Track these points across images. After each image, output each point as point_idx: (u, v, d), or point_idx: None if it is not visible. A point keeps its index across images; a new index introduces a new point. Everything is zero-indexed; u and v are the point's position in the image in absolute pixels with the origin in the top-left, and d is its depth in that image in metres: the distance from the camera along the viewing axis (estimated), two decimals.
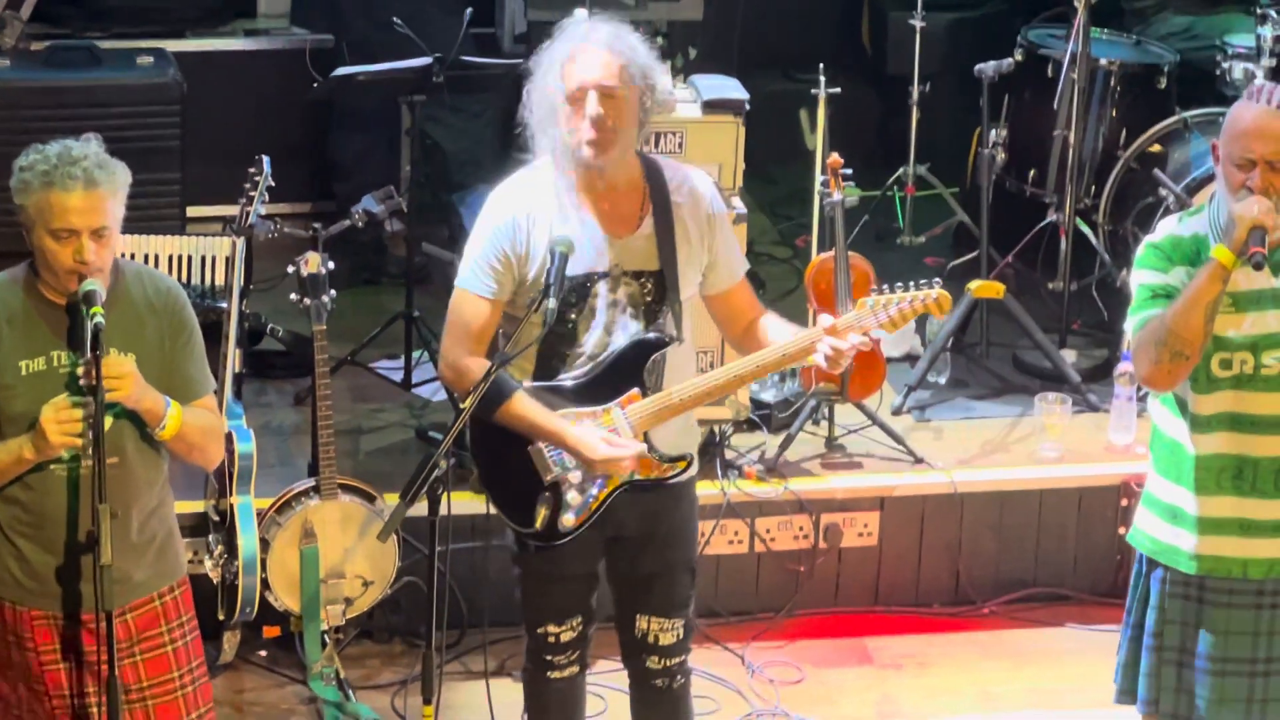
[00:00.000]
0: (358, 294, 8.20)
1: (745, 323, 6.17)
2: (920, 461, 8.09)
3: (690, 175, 6.13)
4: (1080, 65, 8.66)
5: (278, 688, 7.47)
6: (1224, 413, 5.96)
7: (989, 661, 7.82)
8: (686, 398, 6.03)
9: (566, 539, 6.10)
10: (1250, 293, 5.92)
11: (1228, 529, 6.01)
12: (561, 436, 5.96)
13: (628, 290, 6.03)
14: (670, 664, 6.32)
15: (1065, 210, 8.77)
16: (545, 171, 6.04)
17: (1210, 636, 6.10)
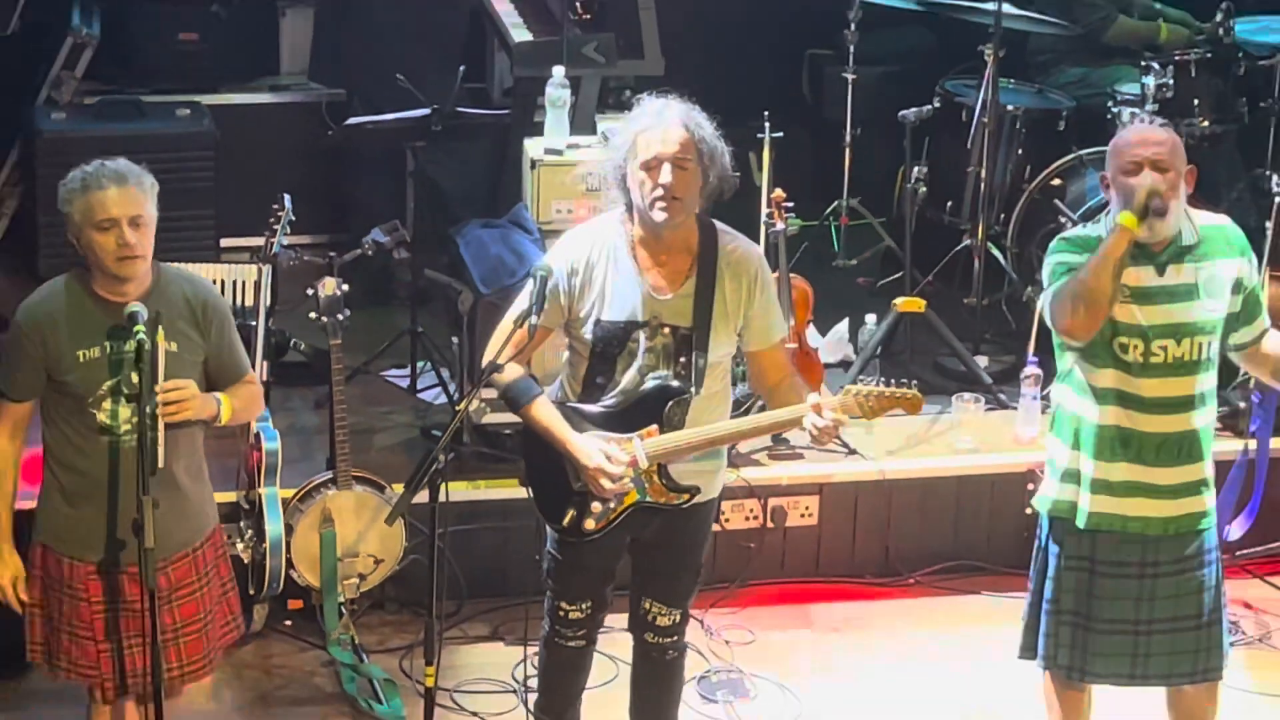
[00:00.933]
0: (369, 313, 8.20)
1: (773, 381, 6.18)
2: (854, 453, 8.11)
3: (741, 244, 6.13)
4: (990, 111, 8.70)
5: (301, 653, 7.48)
6: (1114, 389, 6.02)
7: (914, 624, 7.85)
8: (695, 441, 6.07)
9: (587, 539, 6.17)
10: (1142, 288, 5.99)
11: (1116, 490, 6.07)
12: (564, 442, 6.02)
13: (663, 340, 6.04)
14: (665, 641, 6.39)
15: (978, 236, 8.80)
16: (611, 223, 6.08)
17: (1100, 602, 6.15)
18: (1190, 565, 6.16)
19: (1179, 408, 6.05)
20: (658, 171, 5.86)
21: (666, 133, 5.90)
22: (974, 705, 7.33)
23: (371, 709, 7.15)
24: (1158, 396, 6.04)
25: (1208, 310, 6.03)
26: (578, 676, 6.52)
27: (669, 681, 6.52)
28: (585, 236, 6.10)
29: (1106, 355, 6.02)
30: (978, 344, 8.78)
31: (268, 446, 7.24)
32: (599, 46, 8.42)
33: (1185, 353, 6.02)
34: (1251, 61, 9.16)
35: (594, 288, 6.02)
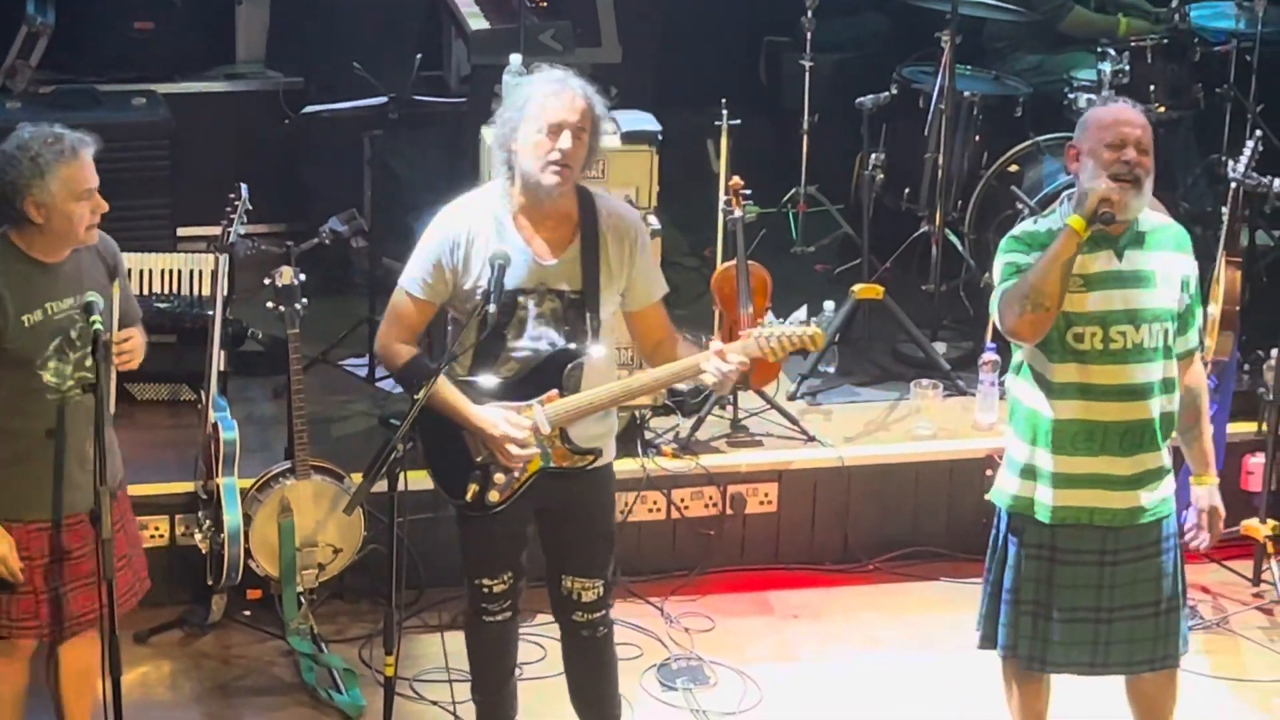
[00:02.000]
0: (326, 302, 8.18)
1: (656, 340, 6.24)
2: (813, 439, 8.12)
3: (619, 208, 6.20)
4: (947, 97, 8.72)
5: (260, 643, 7.45)
6: (1074, 382, 6.02)
7: (873, 611, 7.85)
8: (597, 401, 6.10)
9: (495, 510, 6.17)
10: (1097, 274, 5.99)
11: (1079, 483, 6.07)
12: (467, 415, 6.04)
13: (551, 306, 6.08)
14: (593, 618, 6.37)
15: (935, 222, 8.82)
16: (491, 195, 6.10)
17: (1060, 590, 6.16)
18: (1150, 552, 6.18)
19: (1139, 395, 6.05)
20: (557, 136, 5.91)
21: (572, 100, 5.95)
22: (933, 692, 7.34)
23: (331, 699, 7.13)
24: (1118, 384, 6.04)
25: (1165, 298, 6.04)
26: (507, 651, 6.54)
27: (604, 660, 6.52)
28: (464, 210, 6.13)
29: (1063, 349, 6.02)
30: (936, 330, 8.81)
31: (225, 436, 7.24)
32: (556, 34, 8.43)
33: (1144, 339, 6.02)
34: (1207, 47, 9.20)
35: (478, 259, 6.04)
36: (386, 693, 5.88)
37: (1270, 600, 7.86)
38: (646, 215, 7.80)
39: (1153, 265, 6.04)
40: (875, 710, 7.27)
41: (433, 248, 6.08)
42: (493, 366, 6.11)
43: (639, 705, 7.14)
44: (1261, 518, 7.91)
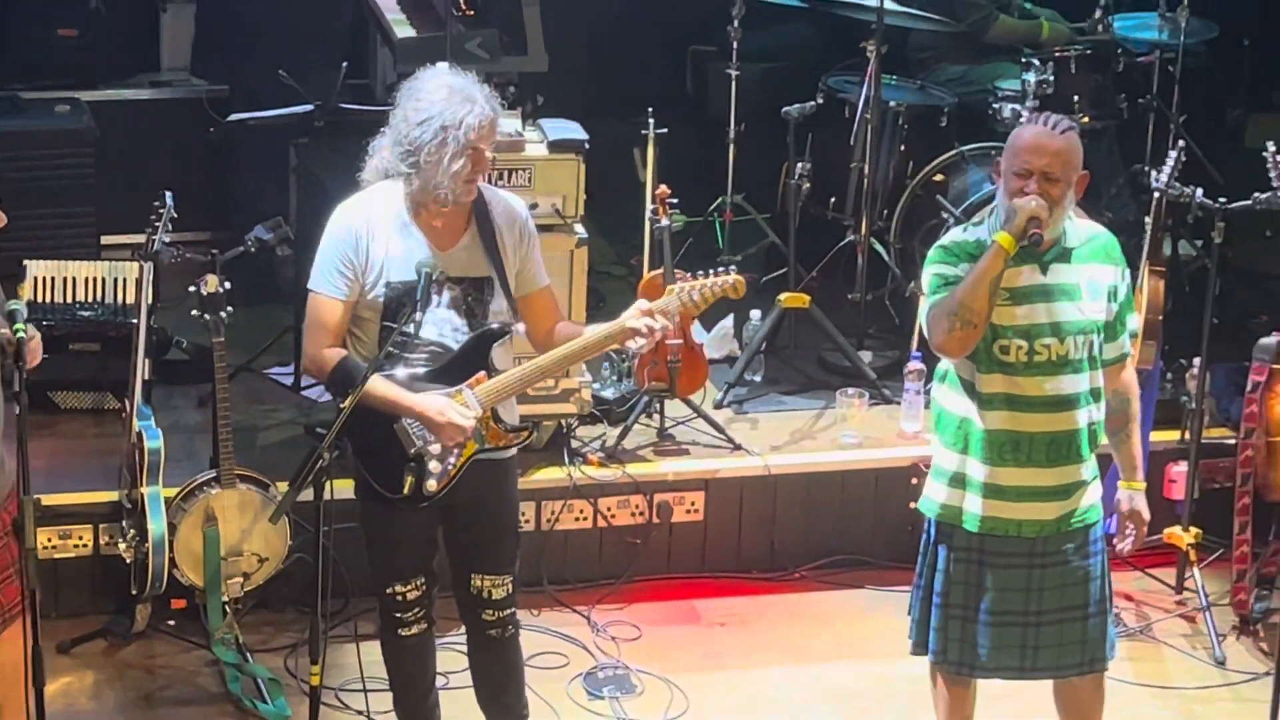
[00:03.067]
0: (251, 310, 8.14)
1: (548, 325, 6.30)
2: (739, 448, 8.13)
3: (506, 198, 6.33)
4: (873, 107, 8.74)
5: (185, 652, 7.42)
6: (1002, 393, 6.07)
7: (800, 619, 7.86)
8: (527, 376, 6.18)
9: (430, 500, 6.18)
10: (1022, 288, 6.04)
11: (1008, 494, 6.11)
12: (410, 405, 6.07)
13: (451, 294, 6.16)
14: (502, 615, 6.39)
15: (861, 231, 8.84)
16: (384, 192, 6.20)
17: (989, 594, 6.20)
18: (1077, 556, 6.23)
19: (1065, 406, 6.10)
20: (480, 157, 6.03)
21: (495, 125, 6.08)
22: (860, 699, 7.36)
23: (256, 709, 7.11)
24: (1044, 395, 6.09)
25: (1089, 310, 6.09)
26: (425, 665, 6.55)
27: (512, 660, 6.54)
28: (359, 208, 6.21)
29: (989, 361, 6.07)
30: (861, 339, 8.83)
31: (150, 445, 7.21)
32: (483, 43, 8.41)
33: (1069, 350, 6.07)
34: (1130, 58, 9.27)
35: (377, 252, 6.12)
36: (312, 702, 5.86)
37: (1193, 608, 7.90)
38: (573, 223, 7.82)
39: (1078, 278, 6.08)
40: (801, 713, 7.29)
41: (337, 245, 6.16)
42: (402, 358, 6.15)
43: (565, 714, 7.14)
44: (1184, 526, 7.95)
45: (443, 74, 6.16)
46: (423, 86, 6.12)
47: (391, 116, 6.18)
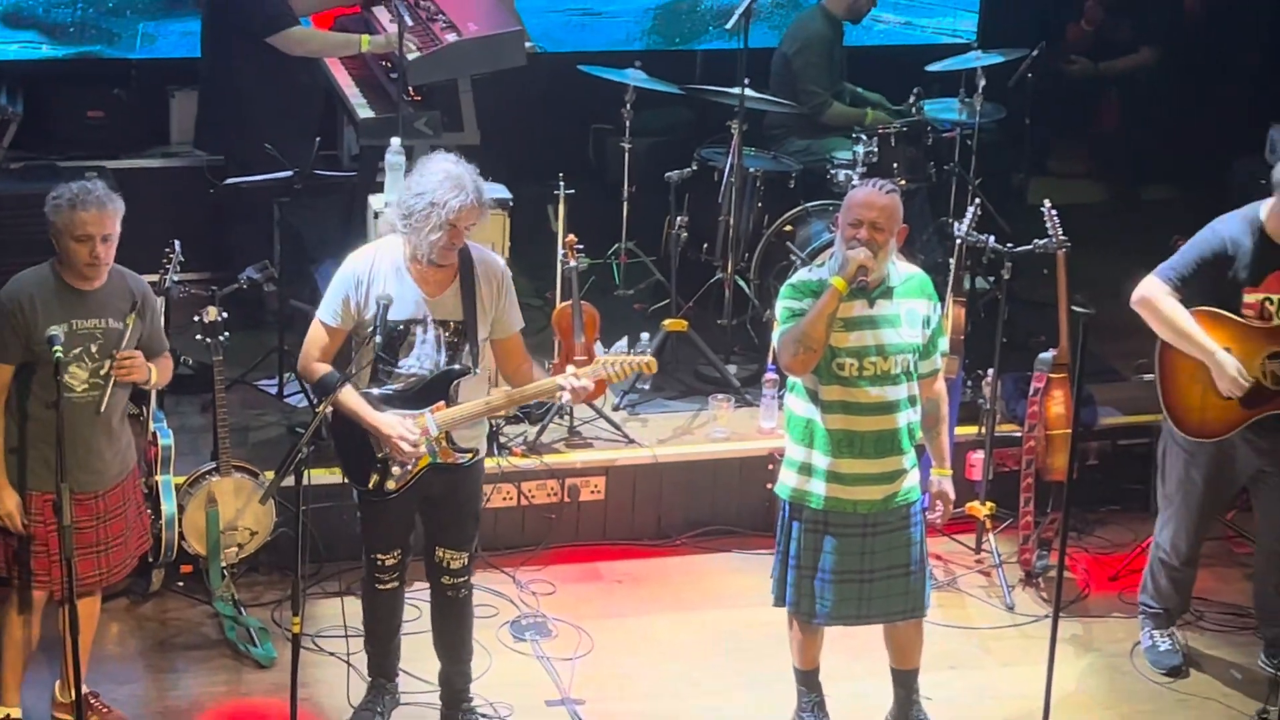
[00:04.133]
0: (244, 334, 8.10)
1: (516, 364, 6.30)
2: (632, 442, 8.13)
3: (488, 255, 6.26)
4: (736, 172, 8.77)
5: (191, 607, 7.37)
6: (839, 400, 6.15)
7: (681, 576, 7.87)
8: (476, 410, 6.18)
9: (390, 497, 6.18)
10: (854, 318, 6.14)
11: (845, 480, 6.20)
12: (371, 420, 6.09)
13: (436, 333, 6.13)
14: (458, 581, 6.42)
15: (727, 270, 8.86)
16: (388, 244, 6.18)
17: (832, 557, 6.27)
18: (901, 526, 6.33)
19: (888, 410, 6.18)
20: (456, 233, 6.00)
21: (475, 211, 6.02)
22: (729, 640, 7.37)
23: (248, 651, 7.07)
24: (872, 401, 6.17)
25: (907, 335, 6.19)
26: (395, 613, 6.55)
27: (463, 614, 6.54)
28: (367, 256, 6.19)
29: (829, 375, 6.16)
30: (728, 355, 8.84)
31: (163, 442, 7.20)
32: (428, 121, 8.41)
33: (892, 367, 6.15)
34: (937, 134, 9.32)
35: (376, 294, 6.10)
36: (294, 646, 5.82)
37: (988, 565, 7.94)
38: None
39: (898, 310, 6.18)
40: (680, 654, 7.30)
41: (341, 286, 6.14)
42: (387, 380, 6.15)
43: (496, 654, 7.11)
44: (981, 500, 8.01)
45: (447, 161, 6.10)
46: (429, 166, 6.09)
47: (407, 180, 6.14)
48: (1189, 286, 6.68)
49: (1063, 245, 7.72)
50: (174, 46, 9.52)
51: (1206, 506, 7.06)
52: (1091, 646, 7.43)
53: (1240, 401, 6.72)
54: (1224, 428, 6.81)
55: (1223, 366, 6.63)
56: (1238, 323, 6.68)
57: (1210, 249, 6.68)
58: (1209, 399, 6.76)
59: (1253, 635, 7.41)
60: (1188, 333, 6.67)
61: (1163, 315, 6.68)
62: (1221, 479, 6.98)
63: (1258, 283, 6.65)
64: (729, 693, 7.06)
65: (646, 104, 9.36)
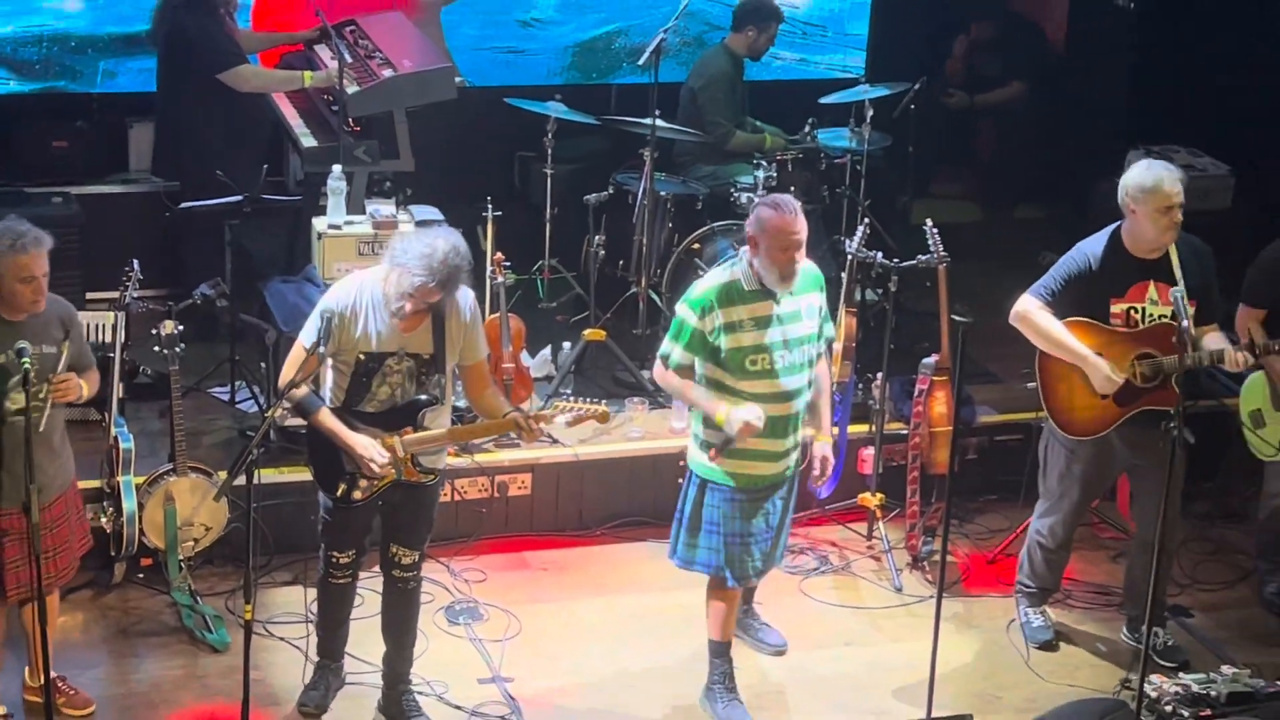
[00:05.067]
0: (198, 346, 8.02)
1: (481, 389, 6.33)
2: (556, 442, 8.10)
3: (461, 291, 6.18)
4: (649, 195, 8.77)
5: (151, 597, 7.30)
6: (749, 391, 6.31)
7: (601, 563, 7.87)
8: (440, 439, 6.24)
9: (354, 506, 6.24)
10: (762, 317, 6.30)
11: (752, 456, 6.35)
12: (346, 438, 6.10)
13: (407, 365, 6.16)
14: (408, 575, 6.45)
15: (641, 285, 8.86)
16: (371, 280, 6.14)
17: (743, 521, 6.46)
18: (787, 492, 6.59)
19: (790, 398, 6.33)
20: (417, 302, 5.97)
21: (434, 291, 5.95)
22: (643, 620, 7.40)
23: (204, 638, 7.03)
24: (777, 391, 6.28)
25: (809, 328, 6.37)
26: (346, 604, 6.55)
27: (410, 604, 6.54)
28: (354, 287, 6.15)
29: (742, 371, 6.26)
30: (643, 362, 8.82)
31: (124, 445, 7.13)
32: (366, 150, 8.38)
33: (796, 359, 6.26)
34: (830, 160, 9.37)
35: (358, 326, 6.09)
36: (246, 631, 5.78)
37: (879, 550, 7.98)
38: None
39: (799, 305, 6.34)
40: (601, 634, 7.31)
41: (324, 313, 6.09)
42: (360, 403, 6.17)
43: (432, 637, 7.10)
44: (872, 492, 8.05)
45: (439, 238, 6.02)
46: (424, 236, 6.03)
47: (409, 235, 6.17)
48: (1060, 300, 6.77)
49: (943, 260, 7.77)
50: (132, 82, 9.43)
51: (1084, 497, 7.14)
52: (972, 623, 7.49)
53: (1114, 400, 6.81)
54: (1101, 426, 6.88)
55: (1096, 368, 6.73)
56: (1107, 330, 6.77)
57: (1076, 266, 6.78)
58: (1086, 400, 6.84)
59: (1116, 612, 7.50)
60: (1061, 342, 6.75)
61: (1038, 328, 6.77)
62: (1099, 473, 7.07)
63: (1122, 294, 6.76)
64: (645, 669, 7.07)
65: (566, 134, 9.36)
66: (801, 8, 10.36)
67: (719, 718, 6.67)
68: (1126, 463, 7.03)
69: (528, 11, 10.02)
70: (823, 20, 10.43)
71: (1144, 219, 6.65)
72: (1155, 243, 6.70)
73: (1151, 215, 6.63)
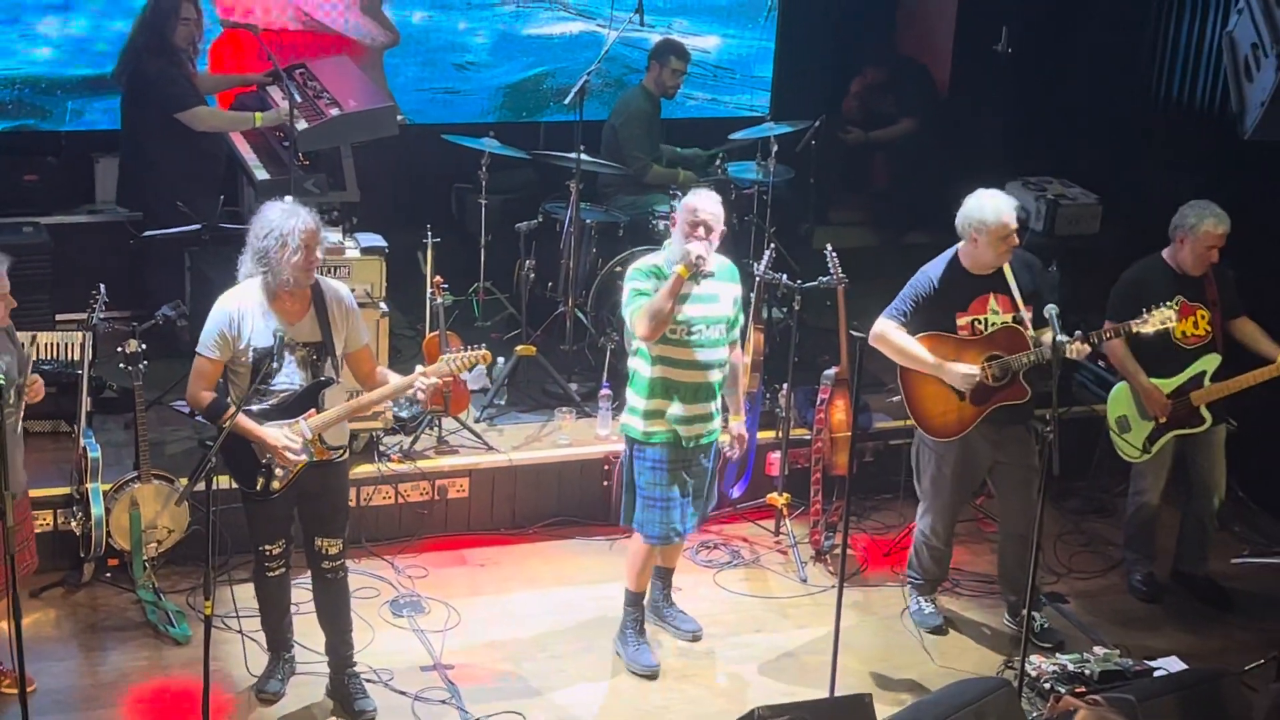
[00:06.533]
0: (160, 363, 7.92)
1: (367, 371, 6.32)
2: (491, 449, 8.08)
3: (335, 285, 6.29)
4: (575, 223, 8.77)
5: (118, 595, 7.23)
6: (671, 357, 6.54)
7: (535, 559, 7.84)
8: (342, 412, 6.19)
9: (273, 496, 6.15)
10: (685, 295, 6.49)
11: (674, 419, 6.56)
12: (259, 435, 6.09)
13: (300, 354, 6.15)
14: (335, 565, 6.42)
15: (569, 305, 8.86)
16: (250, 287, 6.15)
17: (672, 487, 6.62)
18: (708, 458, 6.73)
19: (706, 367, 6.62)
20: (310, 250, 6.00)
21: (317, 230, 6.06)
22: (572, 610, 7.39)
23: (168, 631, 6.97)
24: (695, 360, 6.56)
25: (725, 309, 6.60)
26: (284, 594, 6.52)
27: (341, 592, 6.50)
28: (235, 298, 6.18)
29: (667, 339, 6.52)
30: (570, 375, 8.83)
31: (91, 455, 7.06)
32: (315, 182, 8.32)
33: (713, 334, 6.55)
34: (739, 190, 9.40)
35: (246, 328, 6.10)
36: (205, 625, 5.74)
37: (785, 545, 8.01)
38: (378, 302, 7.75)
39: (716, 289, 6.60)
40: (534, 624, 7.29)
41: (216, 323, 6.13)
42: (264, 399, 6.13)
43: (378, 629, 7.06)
44: (780, 492, 8.08)
45: (275, 204, 6.19)
46: (263, 213, 6.15)
47: (248, 237, 6.12)
48: (912, 320, 6.91)
49: (842, 282, 7.82)
50: (98, 120, 9.33)
51: (956, 495, 7.20)
52: (869, 610, 7.53)
53: (970, 400, 6.89)
54: (962, 426, 6.96)
55: (950, 371, 6.84)
56: (956, 339, 6.89)
57: (921, 289, 6.94)
58: (946, 405, 6.94)
59: (998, 600, 7.55)
60: (915, 355, 6.86)
61: (894, 345, 6.88)
62: (966, 472, 7.13)
63: (965, 308, 6.90)
64: (574, 654, 7.06)
65: (499, 167, 9.34)
66: (712, 52, 10.40)
67: (628, 657, 6.85)
68: (990, 460, 7.09)
69: (463, 55, 9.99)
70: (731, 64, 10.47)
71: (985, 247, 6.84)
72: (993, 264, 6.86)
73: (992, 243, 6.82)
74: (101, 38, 9.17)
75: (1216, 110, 8.88)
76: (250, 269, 6.15)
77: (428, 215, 8.72)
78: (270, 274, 6.06)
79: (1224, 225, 7.21)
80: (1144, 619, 7.56)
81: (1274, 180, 8.47)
